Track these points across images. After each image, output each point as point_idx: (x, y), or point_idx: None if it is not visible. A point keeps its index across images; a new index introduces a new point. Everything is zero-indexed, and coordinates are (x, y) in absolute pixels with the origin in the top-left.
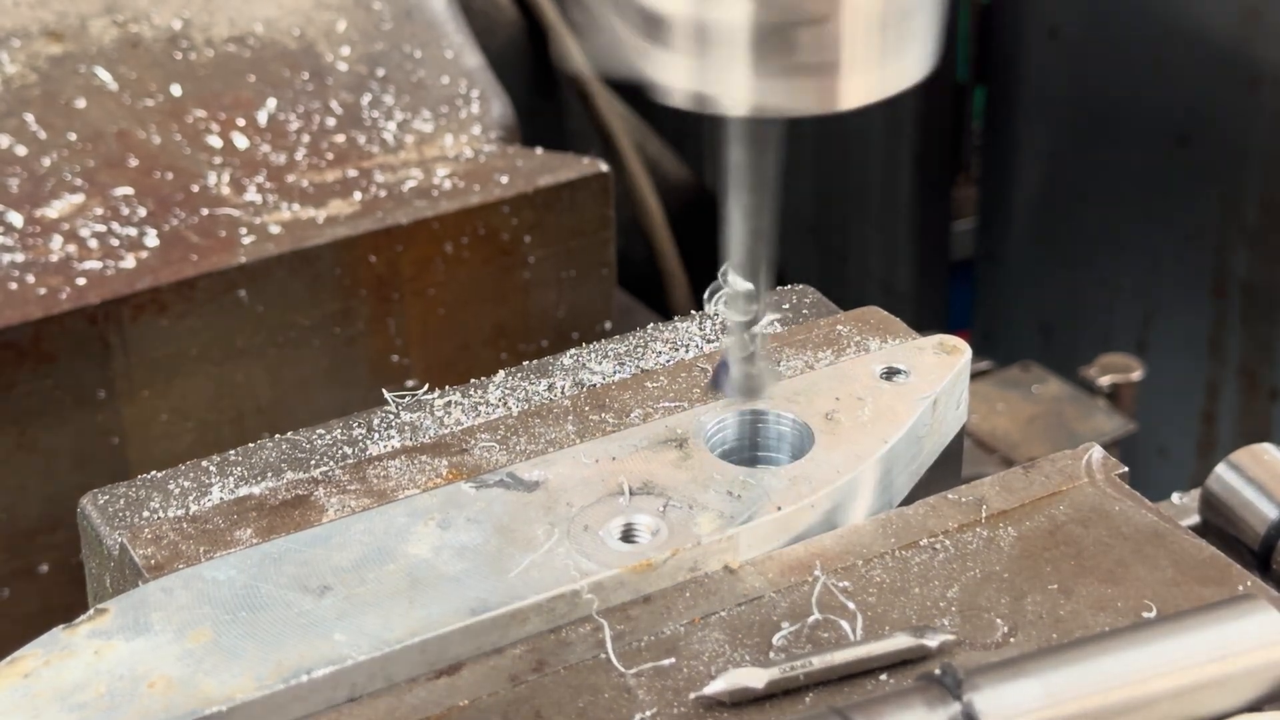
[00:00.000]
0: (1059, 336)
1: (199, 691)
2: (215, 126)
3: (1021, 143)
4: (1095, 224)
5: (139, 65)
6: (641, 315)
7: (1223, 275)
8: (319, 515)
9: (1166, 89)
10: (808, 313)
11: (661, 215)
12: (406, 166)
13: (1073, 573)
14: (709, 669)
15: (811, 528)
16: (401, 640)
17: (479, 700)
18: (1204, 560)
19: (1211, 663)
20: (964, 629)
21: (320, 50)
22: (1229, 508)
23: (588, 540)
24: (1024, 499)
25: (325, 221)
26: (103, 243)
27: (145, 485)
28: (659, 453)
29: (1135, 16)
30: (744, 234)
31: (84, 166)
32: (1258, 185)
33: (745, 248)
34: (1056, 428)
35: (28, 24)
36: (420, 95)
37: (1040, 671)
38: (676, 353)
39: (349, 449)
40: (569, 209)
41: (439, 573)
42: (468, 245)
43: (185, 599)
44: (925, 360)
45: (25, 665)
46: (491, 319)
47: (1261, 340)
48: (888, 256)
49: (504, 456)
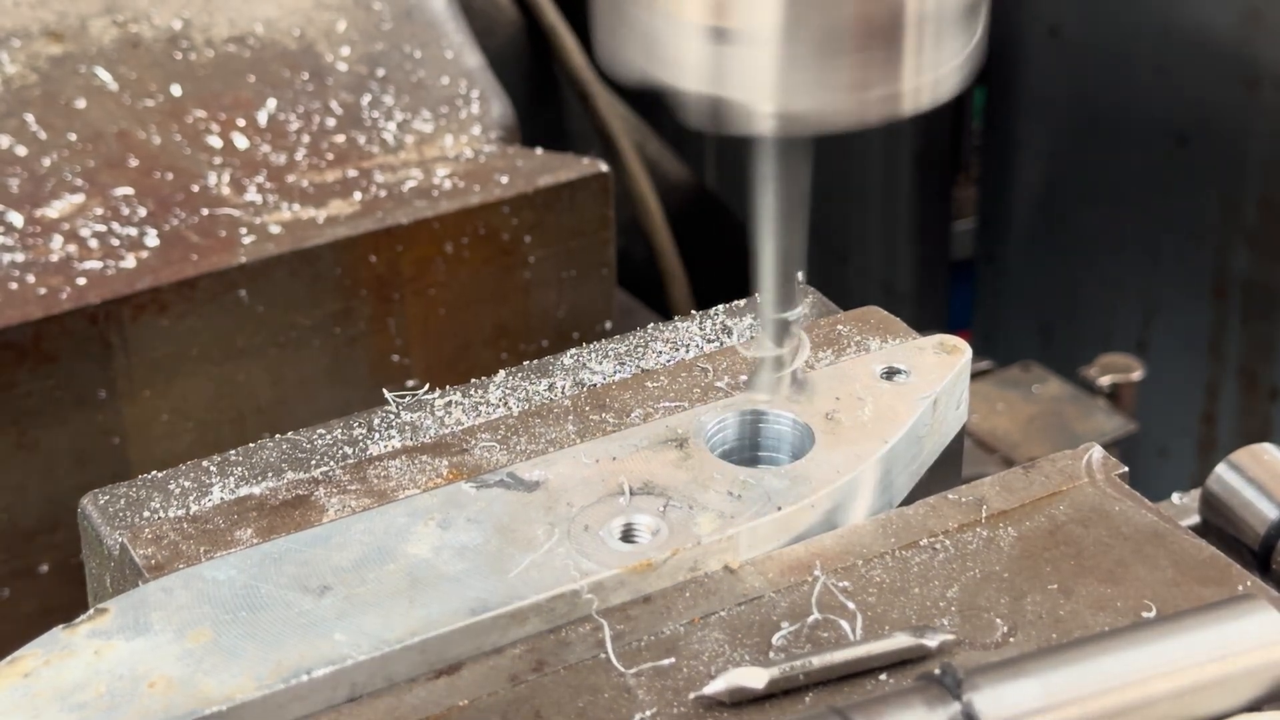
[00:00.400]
0: (1059, 336)
1: (199, 691)
2: (215, 126)
3: (1021, 143)
4: (1095, 224)
5: (139, 65)
6: (642, 315)
7: (1223, 275)
8: (319, 515)
9: (1166, 89)
10: (808, 312)
11: (661, 215)
12: (406, 166)
13: (1073, 573)
14: (709, 669)
15: (811, 528)
16: (401, 640)
17: (479, 700)
18: (1204, 560)
19: (1211, 663)
20: (964, 629)
21: (320, 50)
22: (1229, 508)
23: (588, 540)
24: (1024, 499)
25: (325, 221)
26: (103, 243)
27: (145, 485)
28: (659, 453)
29: (1135, 16)
30: (775, 259)
31: (84, 166)
32: (1258, 185)
33: (778, 275)
34: (1056, 428)
35: (28, 24)
36: (420, 95)
37: (1040, 671)
38: (677, 353)
39: (349, 449)
40: (569, 209)
41: (439, 573)
42: (468, 245)
43: (185, 599)
44: (925, 360)
45: (25, 665)
46: (492, 319)
47: (1261, 340)
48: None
49: (504, 456)
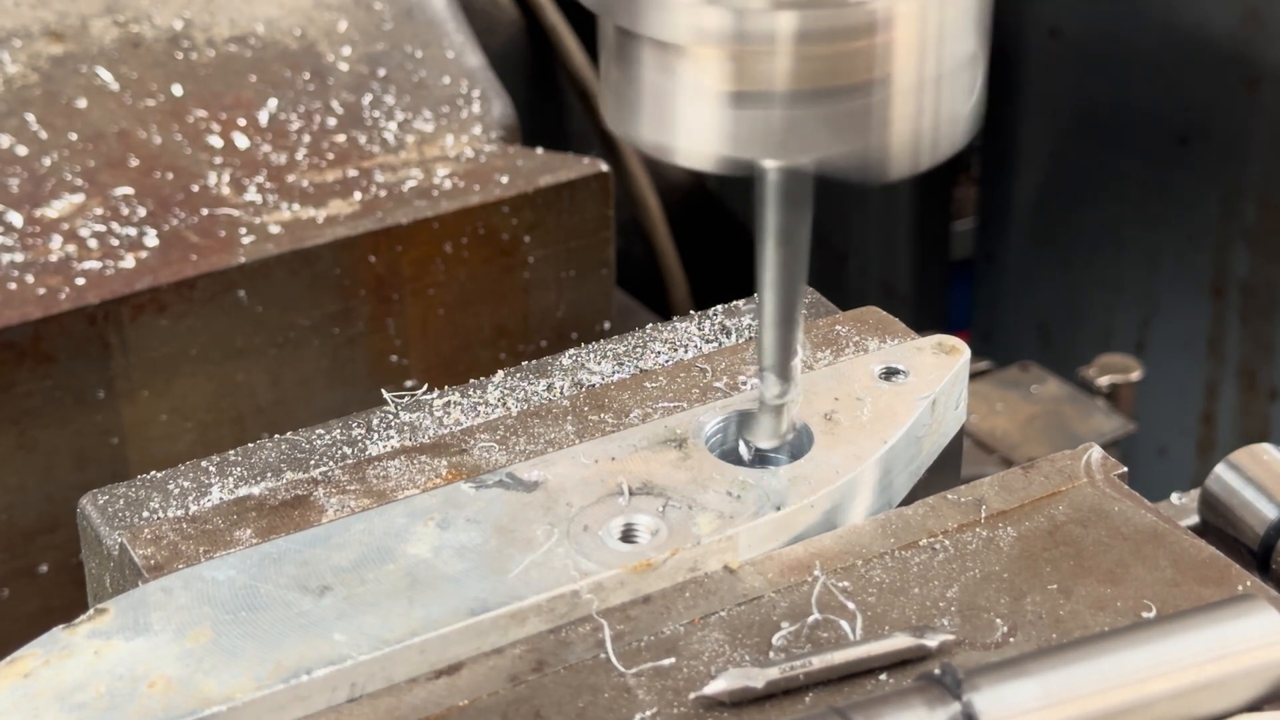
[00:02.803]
0: (1058, 336)
1: (199, 691)
2: (216, 126)
3: (1021, 143)
4: (1095, 224)
5: (140, 65)
6: (641, 315)
7: (1223, 275)
8: (319, 515)
9: (1167, 89)
10: (807, 313)
11: (661, 215)
12: (407, 166)
13: (1072, 573)
14: (709, 669)
15: (811, 528)
16: (401, 640)
17: (479, 700)
18: (1204, 560)
19: (1211, 663)
20: (964, 629)
21: (321, 50)
22: (1228, 508)
23: (587, 540)
24: (1023, 499)
25: (325, 221)
26: (102, 243)
27: (145, 485)
28: (658, 453)
29: (1135, 16)
30: (777, 309)
31: (84, 166)
32: (1258, 185)
33: (779, 325)
34: (1056, 428)
35: (29, 24)
36: (421, 95)
37: (1040, 671)
38: (676, 353)
39: (348, 449)
40: (569, 209)
41: (439, 573)
42: (468, 245)
43: (185, 599)
44: (924, 360)
45: (25, 665)
46: (491, 319)
47: (1261, 340)
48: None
49: (503, 456)
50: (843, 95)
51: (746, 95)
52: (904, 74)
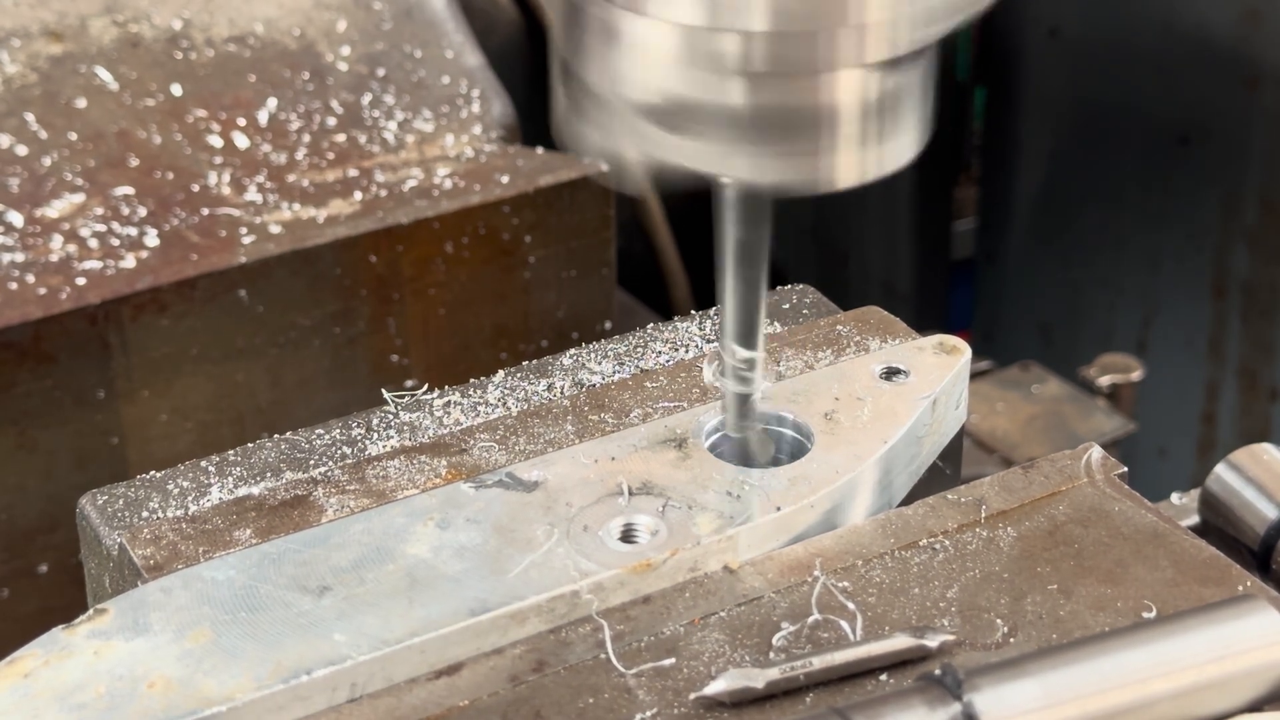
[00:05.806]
0: (1059, 336)
1: (198, 692)
2: (216, 126)
3: (1021, 143)
4: (1095, 224)
5: (139, 65)
6: (641, 315)
7: (1223, 275)
8: (318, 515)
9: (1167, 89)
10: (808, 313)
11: (662, 215)
12: (407, 166)
13: (1072, 573)
14: (709, 669)
15: (811, 528)
16: (401, 640)
17: (479, 700)
18: (1204, 560)
19: (1211, 663)
20: (964, 629)
21: (320, 50)
22: (1228, 508)
23: (587, 540)
24: (1023, 499)
25: (325, 221)
26: (103, 242)
27: (144, 485)
28: (658, 453)
29: (1135, 16)
30: (739, 307)
31: (84, 166)
32: (1258, 185)
33: (741, 321)
34: (1056, 428)
35: (28, 24)
36: (421, 95)
37: (1040, 672)
38: (676, 353)
39: (348, 449)
40: (569, 209)
41: (438, 573)
42: (468, 245)
43: (184, 599)
44: (925, 360)
45: (25, 665)
46: (492, 319)
47: (1261, 340)
48: (888, 256)
49: (503, 456)
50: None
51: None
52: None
